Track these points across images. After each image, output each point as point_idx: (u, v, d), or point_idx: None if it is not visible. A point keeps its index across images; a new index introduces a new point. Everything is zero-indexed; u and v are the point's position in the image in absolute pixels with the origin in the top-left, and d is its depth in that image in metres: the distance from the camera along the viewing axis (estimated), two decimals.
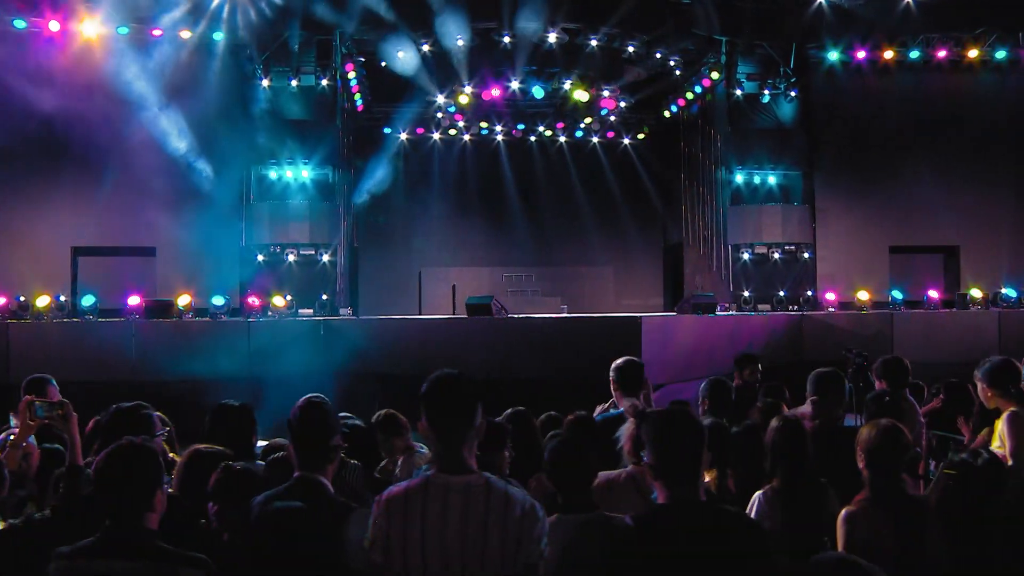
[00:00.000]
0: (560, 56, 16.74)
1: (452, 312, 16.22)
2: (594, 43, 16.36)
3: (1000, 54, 16.80)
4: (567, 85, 17.28)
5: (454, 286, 18.13)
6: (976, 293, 14.83)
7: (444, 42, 16.15)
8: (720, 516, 2.71)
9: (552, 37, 16.29)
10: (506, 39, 15.92)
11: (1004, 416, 4.77)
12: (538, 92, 17.19)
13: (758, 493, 3.76)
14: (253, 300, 14.05)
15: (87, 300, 14.03)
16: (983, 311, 14.43)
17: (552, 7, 15.61)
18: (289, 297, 14.74)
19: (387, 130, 18.98)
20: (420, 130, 19.28)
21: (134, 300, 13.07)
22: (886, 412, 4.37)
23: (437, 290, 19.35)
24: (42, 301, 13.86)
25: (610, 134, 19.93)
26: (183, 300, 13.65)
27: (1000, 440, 4.74)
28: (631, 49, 16.49)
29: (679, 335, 11.84)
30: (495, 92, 17.19)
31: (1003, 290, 15.06)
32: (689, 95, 18.19)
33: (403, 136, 19.35)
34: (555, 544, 2.79)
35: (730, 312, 16.09)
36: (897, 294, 15.24)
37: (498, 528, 2.62)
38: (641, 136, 20.08)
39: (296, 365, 12.92)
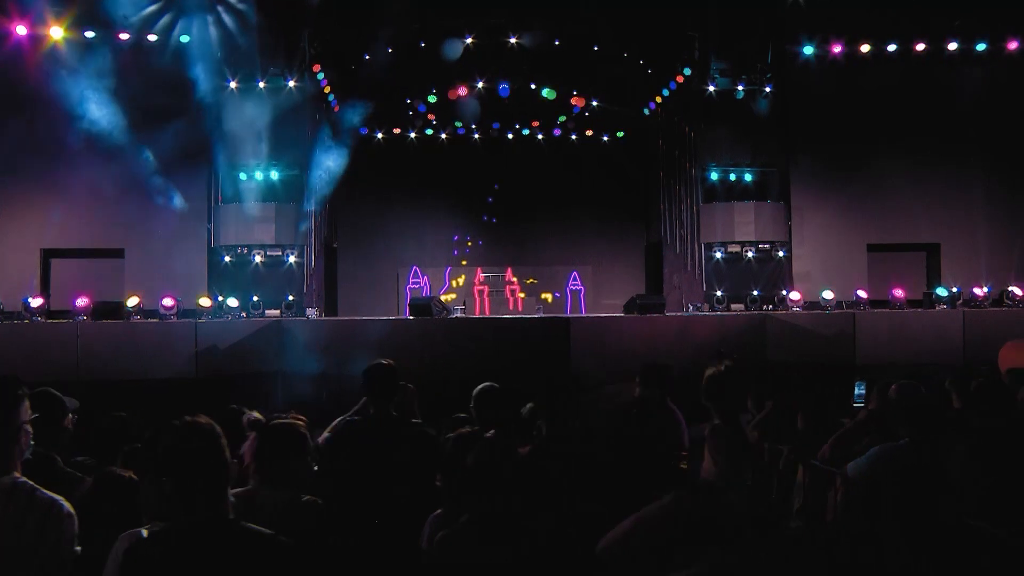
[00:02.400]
0: (529, 56, 16.60)
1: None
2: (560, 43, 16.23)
3: (980, 46, 16.36)
4: (534, 84, 17.10)
5: (428, 285, 18.10)
6: (942, 292, 14.42)
7: (413, 43, 16.15)
8: (242, 537, 2.53)
9: (520, 39, 16.20)
10: (468, 40, 15.82)
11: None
12: (505, 91, 17.02)
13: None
14: (204, 301, 14.06)
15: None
16: (949, 310, 14.03)
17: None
18: (219, 299, 14.73)
19: (363, 131, 18.91)
20: (396, 130, 19.21)
21: (82, 301, 13.15)
22: (641, 418, 4.19)
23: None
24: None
25: (588, 132, 19.70)
26: (132, 301, 13.66)
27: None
28: (596, 49, 16.28)
29: (614, 336, 11.63)
30: (462, 92, 17.08)
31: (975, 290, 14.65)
32: (665, 92, 17.97)
33: (379, 136, 19.31)
34: None
35: (702, 311, 15.88)
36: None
37: (20, 528, 2.57)
38: (620, 134, 19.81)
39: (245, 366, 13.02)
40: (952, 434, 4.06)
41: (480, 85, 16.99)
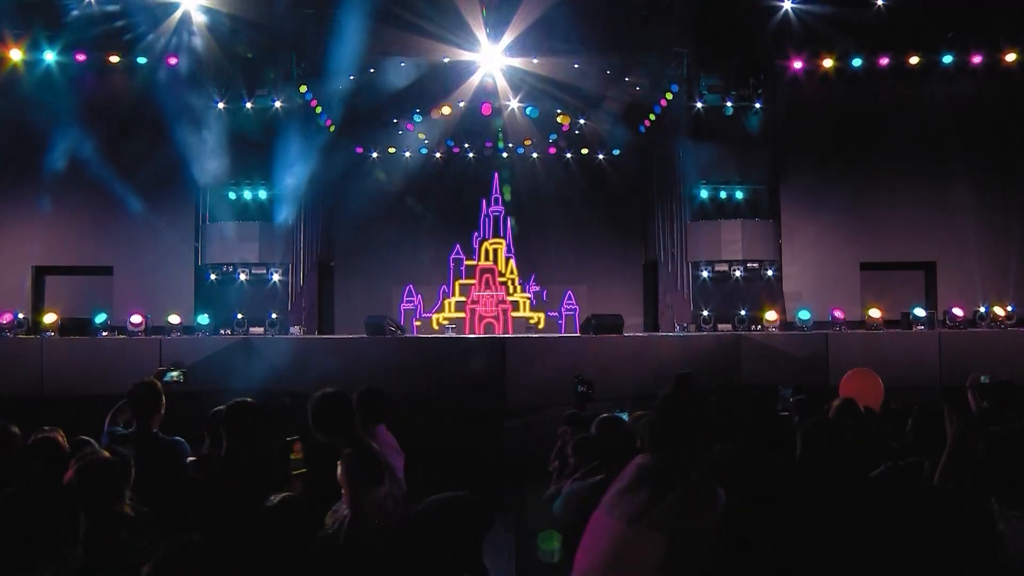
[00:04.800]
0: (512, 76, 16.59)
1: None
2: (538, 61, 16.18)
3: (976, 59, 15.86)
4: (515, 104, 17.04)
5: (421, 304, 18.14)
6: (920, 312, 13.94)
7: (395, 65, 16.26)
8: None
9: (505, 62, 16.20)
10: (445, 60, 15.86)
11: None
12: (486, 109, 16.99)
13: None
14: (174, 318, 14.23)
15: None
16: (926, 331, 13.55)
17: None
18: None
19: (358, 149, 19.04)
20: (391, 149, 19.28)
21: (50, 317, 13.41)
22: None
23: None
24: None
25: (584, 150, 19.54)
26: (100, 317, 13.91)
27: None
28: (576, 66, 16.17)
29: (556, 357, 11.37)
30: (445, 111, 17.08)
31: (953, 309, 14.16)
32: (657, 109, 17.76)
33: (374, 155, 19.39)
34: None
35: (688, 332, 15.62)
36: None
37: None
38: (616, 152, 19.60)
39: (212, 383, 13.09)
40: None
41: (461, 104, 16.96)
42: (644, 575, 2.52)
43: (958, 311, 14.13)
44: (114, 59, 15.93)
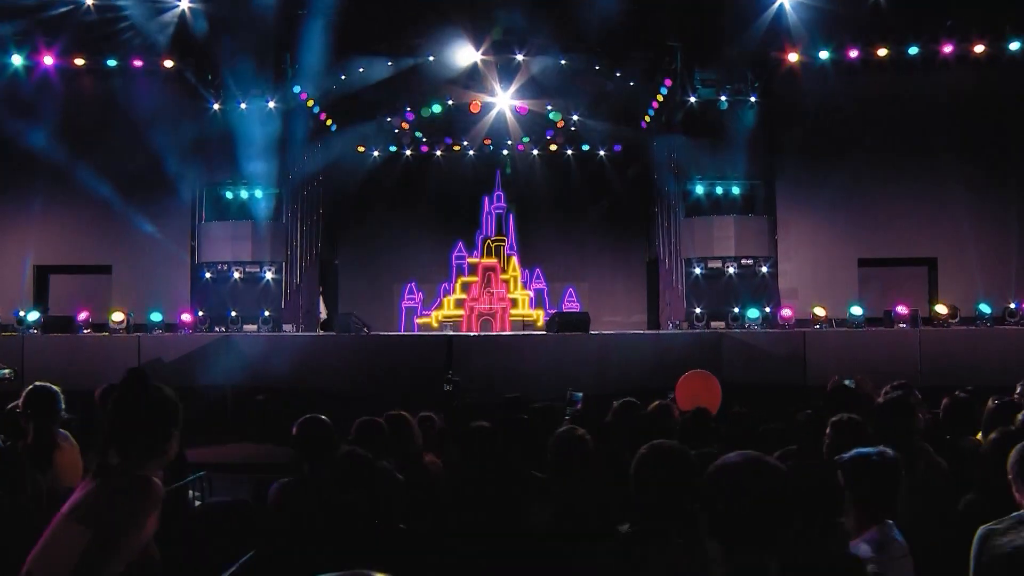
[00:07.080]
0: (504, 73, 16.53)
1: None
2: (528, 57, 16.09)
3: (978, 48, 15.30)
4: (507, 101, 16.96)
5: (422, 302, 18.22)
6: (902, 309, 13.51)
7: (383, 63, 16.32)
8: None
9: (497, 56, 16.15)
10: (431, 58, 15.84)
11: None
12: (475, 107, 16.92)
13: None
14: (156, 316, 14.46)
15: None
16: (906, 329, 13.13)
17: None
18: (201, 314, 15.10)
19: (360, 148, 19.13)
20: (392, 148, 19.32)
21: (33, 315, 13.71)
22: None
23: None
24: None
25: (585, 147, 19.35)
26: (82, 315, 14.19)
27: None
28: (564, 63, 16.01)
29: (509, 355, 11.24)
30: (436, 108, 17.05)
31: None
32: (655, 104, 17.52)
33: (375, 153, 19.46)
34: None
35: (679, 330, 15.42)
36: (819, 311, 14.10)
37: None
38: (617, 148, 19.36)
39: (191, 379, 13.28)
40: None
41: (450, 102, 16.93)
42: (65, 568, 2.50)
43: (941, 309, 13.65)
44: (111, 62, 16.20)
